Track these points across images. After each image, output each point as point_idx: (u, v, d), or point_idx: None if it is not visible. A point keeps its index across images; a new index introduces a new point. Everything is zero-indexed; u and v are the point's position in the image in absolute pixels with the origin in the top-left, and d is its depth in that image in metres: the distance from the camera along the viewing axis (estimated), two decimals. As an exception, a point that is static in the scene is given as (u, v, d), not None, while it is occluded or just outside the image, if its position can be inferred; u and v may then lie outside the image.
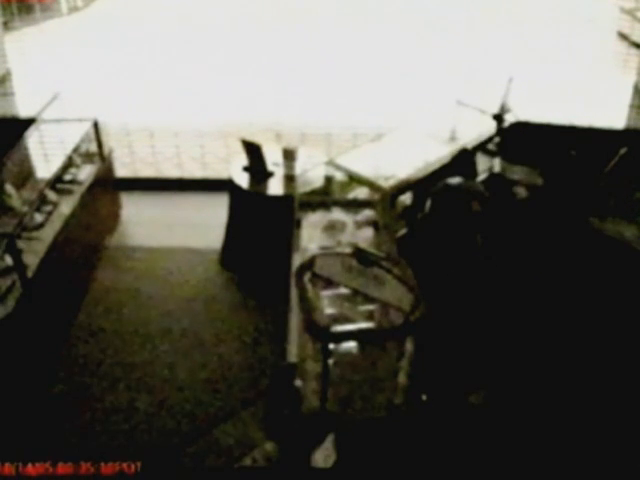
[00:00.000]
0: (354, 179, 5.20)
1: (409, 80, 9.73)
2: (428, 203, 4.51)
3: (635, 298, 4.44)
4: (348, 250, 3.73)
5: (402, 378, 3.47)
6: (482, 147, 5.63)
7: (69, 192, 5.56)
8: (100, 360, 4.85)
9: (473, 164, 5.16)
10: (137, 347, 4.98)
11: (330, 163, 5.29)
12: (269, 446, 3.87)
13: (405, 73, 10.07)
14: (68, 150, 5.77)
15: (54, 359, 4.78)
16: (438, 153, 5.36)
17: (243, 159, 5.87)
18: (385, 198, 4.84)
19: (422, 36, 12.03)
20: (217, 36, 11.88)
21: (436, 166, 5.21)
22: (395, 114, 7.39)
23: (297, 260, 3.98)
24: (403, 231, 4.98)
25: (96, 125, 6.05)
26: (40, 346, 4.62)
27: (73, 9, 14.14)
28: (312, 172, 5.56)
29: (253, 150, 5.75)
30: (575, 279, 4.57)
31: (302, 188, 5.42)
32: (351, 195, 5.30)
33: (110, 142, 6.49)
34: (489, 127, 5.67)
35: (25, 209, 4.99)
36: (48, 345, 4.77)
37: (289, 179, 5.69)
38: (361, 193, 5.31)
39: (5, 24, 7.93)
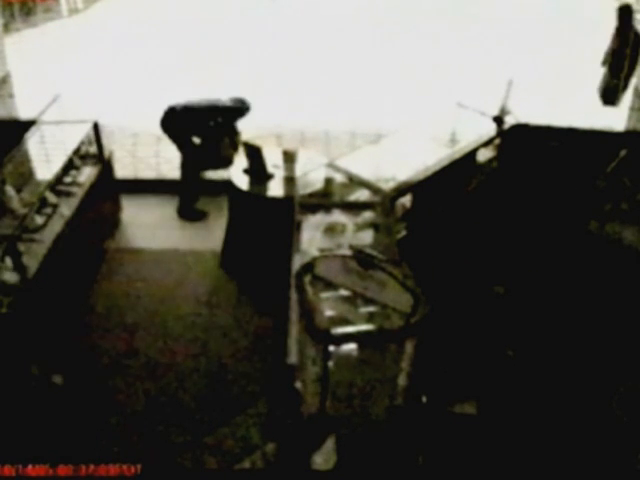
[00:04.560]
0: (354, 181, 5.20)
1: (409, 82, 9.74)
2: None
3: (635, 301, 4.44)
4: (348, 252, 3.74)
5: (402, 380, 3.47)
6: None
7: (69, 194, 5.56)
8: (100, 362, 4.85)
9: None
10: (136, 349, 4.98)
11: (330, 165, 5.29)
12: (269, 448, 3.88)
13: (405, 75, 10.07)
14: (68, 152, 5.77)
15: (54, 361, 4.77)
16: (438, 155, 5.36)
17: (243, 161, 5.88)
18: (385, 200, 4.84)
19: (421, 36, 12.04)
20: (217, 37, 11.88)
21: (436, 168, 5.21)
22: (395, 116, 7.40)
23: (297, 262, 3.98)
24: (403, 233, 4.99)
25: (96, 127, 6.04)
26: (40, 348, 4.62)
27: (73, 11, 14.14)
28: (312, 174, 5.55)
29: (253, 152, 5.75)
30: (574, 282, 4.57)
31: (302, 190, 5.43)
32: (351, 197, 5.30)
33: (110, 144, 6.49)
34: (489, 129, 5.67)
35: (25, 211, 4.99)
36: (48, 347, 4.76)
37: (289, 181, 5.70)
38: (361, 195, 5.31)
39: (5, 26, 7.93)
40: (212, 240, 6.09)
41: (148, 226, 6.50)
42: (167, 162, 7.71)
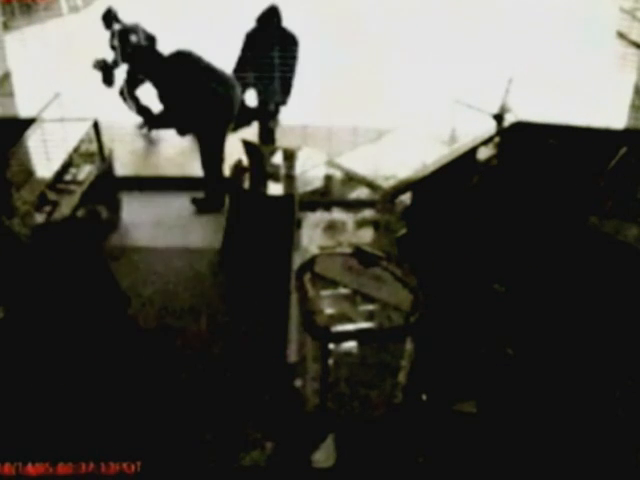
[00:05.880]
0: (354, 179, 5.20)
1: (408, 79, 9.72)
2: None
3: (635, 299, 4.43)
4: (348, 250, 3.74)
5: (402, 378, 3.47)
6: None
7: (69, 192, 5.56)
8: (98, 361, 4.84)
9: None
10: (135, 347, 4.97)
11: (330, 163, 5.29)
12: (269, 446, 3.88)
13: (404, 72, 10.06)
14: (68, 150, 5.77)
15: (54, 360, 4.77)
16: (438, 153, 5.36)
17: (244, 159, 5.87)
18: (385, 198, 4.84)
19: (421, 35, 12.02)
20: (218, 32, 11.85)
21: (436, 166, 5.21)
22: (395, 113, 7.39)
23: (297, 260, 3.98)
24: (403, 231, 4.99)
25: (96, 125, 6.04)
26: (40, 346, 4.61)
27: (73, 9, 14.13)
28: (312, 172, 5.55)
29: (253, 150, 5.75)
30: (575, 280, 4.57)
31: (302, 188, 5.43)
32: (351, 195, 5.31)
33: (110, 142, 6.48)
34: (489, 127, 5.67)
35: (25, 209, 4.98)
36: (48, 345, 4.76)
37: (289, 179, 5.69)
38: (361, 193, 5.31)
39: (5, 24, 7.93)
40: (212, 238, 6.09)
41: (148, 224, 6.50)
42: (167, 160, 7.72)
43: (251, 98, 7.26)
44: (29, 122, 5.69)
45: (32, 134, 5.62)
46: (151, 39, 7.62)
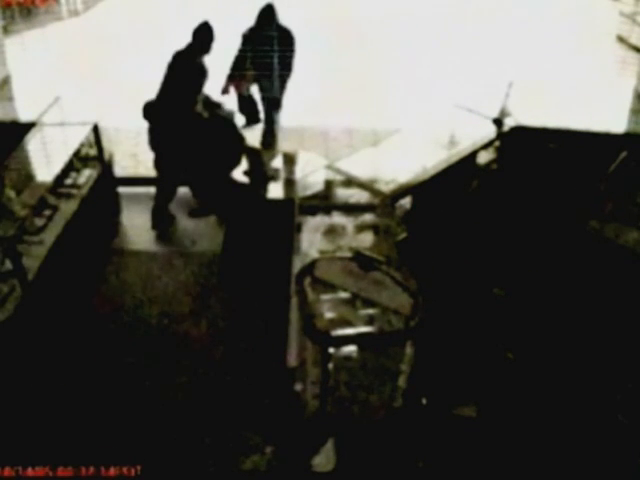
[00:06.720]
0: (354, 183, 5.20)
1: (408, 83, 9.73)
2: None
3: (635, 303, 4.44)
4: (348, 254, 3.74)
5: (402, 382, 3.47)
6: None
7: (69, 196, 5.56)
8: (100, 363, 4.84)
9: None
10: (137, 351, 4.97)
11: (330, 167, 5.29)
12: (269, 450, 3.88)
13: (404, 75, 10.07)
14: (68, 154, 5.77)
15: (54, 363, 4.78)
16: (438, 157, 5.37)
17: (243, 163, 5.88)
18: (385, 202, 4.84)
19: (421, 38, 12.04)
20: (222, 39, 11.88)
21: (436, 170, 5.22)
22: (395, 117, 7.40)
23: (297, 264, 3.98)
24: (403, 235, 4.99)
25: (96, 129, 6.04)
26: (40, 350, 4.62)
27: (73, 13, 14.15)
28: (312, 176, 5.55)
29: (253, 155, 5.76)
30: (574, 284, 4.57)
31: (302, 192, 5.43)
32: (352, 199, 5.31)
33: (110, 146, 6.48)
34: (489, 131, 5.68)
35: (25, 213, 4.99)
36: (48, 349, 4.76)
37: (289, 183, 5.70)
38: (361, 197, 5.31)
39: (5, 28, 7.94)
40: (212, 242, 6.08)
41: (147, 228, 6.49)
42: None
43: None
44: (29, 126, 5.69)
45: (32, 138, 5.62)
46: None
